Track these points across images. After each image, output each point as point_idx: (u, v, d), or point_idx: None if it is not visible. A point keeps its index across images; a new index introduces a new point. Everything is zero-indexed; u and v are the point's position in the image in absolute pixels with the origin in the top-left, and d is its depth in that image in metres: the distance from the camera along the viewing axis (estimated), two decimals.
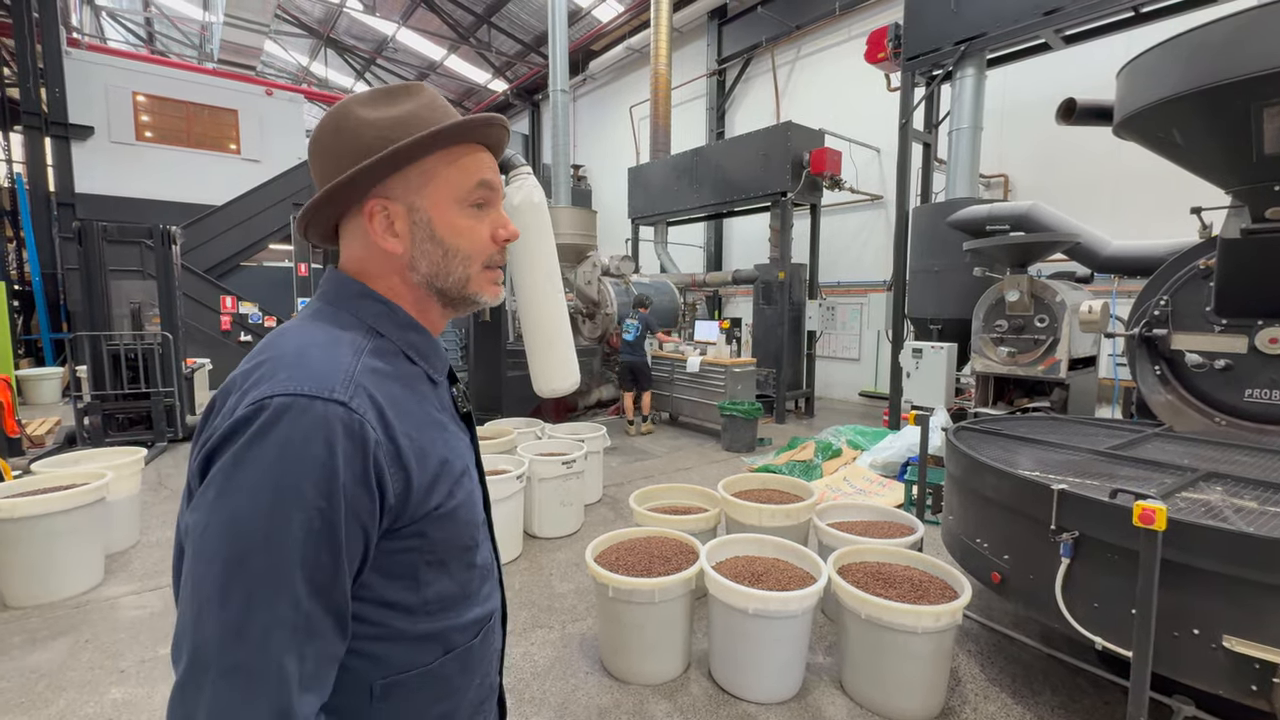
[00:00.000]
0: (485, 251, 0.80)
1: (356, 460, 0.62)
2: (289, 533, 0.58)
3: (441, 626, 0.74)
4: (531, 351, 4.48)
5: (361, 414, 0.63)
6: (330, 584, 0.61)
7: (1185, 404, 3.29)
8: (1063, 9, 5.57)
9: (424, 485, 0.69)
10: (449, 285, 0.79)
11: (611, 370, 8.57)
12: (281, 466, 0.59)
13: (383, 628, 0.69)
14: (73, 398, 5.93)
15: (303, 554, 0.59)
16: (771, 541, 2.87)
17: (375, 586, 0.68)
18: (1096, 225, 5.45)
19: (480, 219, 0.79)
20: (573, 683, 2.57)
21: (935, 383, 6.09)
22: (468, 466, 0.79)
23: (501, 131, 0.83)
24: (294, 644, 0.58)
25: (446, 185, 0.77)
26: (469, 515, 0.77)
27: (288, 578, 0.58)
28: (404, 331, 0.78)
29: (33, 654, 2.74)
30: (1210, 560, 1.73)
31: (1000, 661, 2.71)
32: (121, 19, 17.12)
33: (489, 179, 0.80)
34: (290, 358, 0.66)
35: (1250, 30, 2.32)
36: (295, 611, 0.58)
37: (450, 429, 0.79)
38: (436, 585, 0.73)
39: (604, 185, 15.43)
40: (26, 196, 10.81)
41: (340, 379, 0.64)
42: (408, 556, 0.70)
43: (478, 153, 0.80)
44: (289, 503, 0.58)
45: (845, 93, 10.13)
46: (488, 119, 0.79)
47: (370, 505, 0.63)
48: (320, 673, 0.61)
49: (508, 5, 14.19)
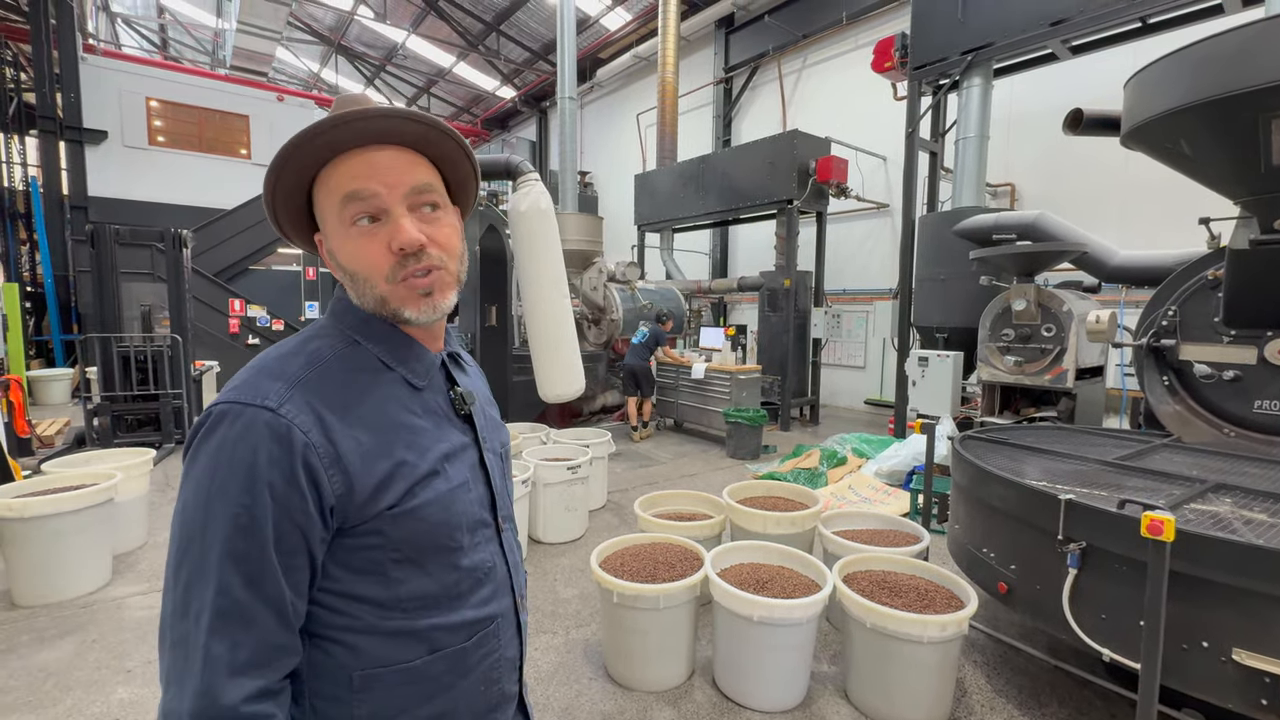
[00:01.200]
0: (382, 267, 0.74)
1: (283, 461, 0.67)
2: (218, 526, 0.65)
3: (422, 625, 0.76)
4: (537, 356, 4.50)
5: (290, 419, 0.68)
6: (260, 575, 0.65)
7: (1194, 415, 3.27)
8: (1070, 20, 5.58)
9: (370, 486, 0.71)
10: (374, 307, 0.77)
11: (616, 375, 8.59)
12: (214, 466, 0.66)
13: (353, 619, 0.73)
14: (82, 399, 5.98)
15: (230, 546, 0.64)
16: (777, 549, 2.87)
17: (342, 580, 0.72)
18: (1104, 235, 5.44)
19: (371, 234, 0.74)
20: (576, 688, 2.57)
21: (941, 391, 6.07)
22: (441, 468, 0.79)
23: (368, 124, 0.71)
24: (224, 629, 0.63)
25: (328, 212, 0.75)
26: (441, 516, 0.77)
27: (216, 566, 0.64)
28: (380, 340, 0.79)
29: (40, 653, 2.76)
30: (1219, 572, 1.72)
31: (1007, 673, 2.69)
32: (136, 25, 17.36)
33: (357, 189, 0.73)
34: (248, 369, 0.73)
35: (1259, 42, 2.33)
36: (224, 598, 0.64)
37: (431, 430, 0.80)
38: (411, 584, 0.75)
39: (610, 192, 15.50)
40: (41, 200, 10.94)
41: (277, 389, 0.70)
42: (371, 554, 0.73)
43: (349, 164, 0.73)
44: (217, 499, 0.65)
45: (851, 101, 10.16)
46: (311, 131, 0.70)
47: (303, 504, 0.67)
48: (260, 659, 0.65)
49: (517, 13, 14.32)
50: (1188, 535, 1.74)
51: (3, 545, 3.17)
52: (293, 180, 0.75)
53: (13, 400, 5.55)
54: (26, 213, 11.65)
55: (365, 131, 0.73)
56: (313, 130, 0.71)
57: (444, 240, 0.78)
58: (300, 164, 0.73)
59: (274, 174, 0.73)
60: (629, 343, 7.62)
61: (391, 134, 0.74)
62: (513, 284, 7.16)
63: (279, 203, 0.76)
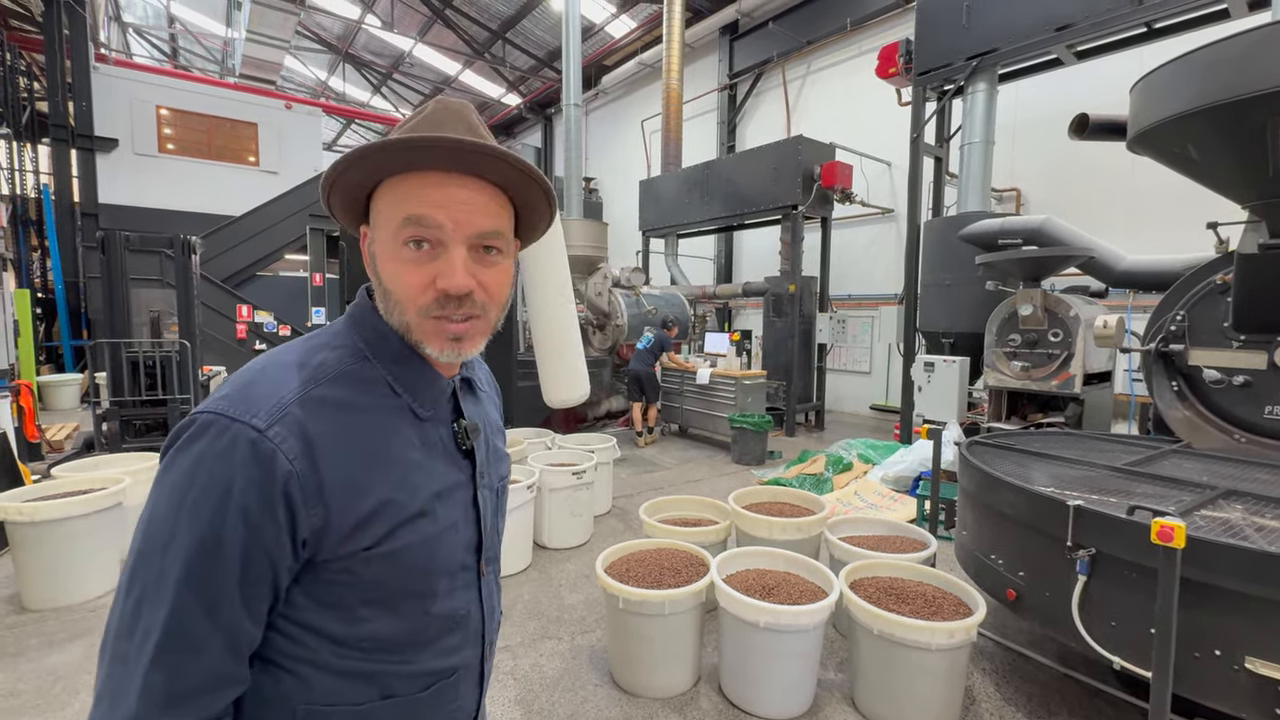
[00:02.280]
0: (420, 300, 0.70)
1: (263, 487, 0.62)
2: (183, 545, 0.61)
3: (377, 669, 0.72)
4: (541, 362, 4.51)
5: (276, 443, 0.63)
6: (219, 603, 0.61)
7: (1204, 420, 3.25)
8: (1074, 25, 5.58)
9: (348, 524, 0.67)
10: (397, 327, 0.73)
11: (621, 381, 8.59)
12: (188, 481, 0.62)
13: (307, 649, 0.69)
14: (91, 404, 6.03)
15: (192, 568, 0.60)
16: (783, 555, 2.86)
17: (304, 609, 0.68)
18: (1110, 240, 5.41)
19: (419, 262, 0.69)
20: (581, 695, 2.56)
21: (947, 397, 6.05)
22: (431, 509, 0.74)
23: (463, 155, 0.67)
24: (169, 655, 0.60)
25: (384, 217, 0.71)
26: (421, 561, 0.73)
27: (173, 587, 0.60)
28: (392, 362, 0.75)
29: (50, 656, 2.77)
30: (1231, 579, 1.70)
31: (1016, 681, 2.66)
32: (148, 35, 17.60)
33: (422, 215, 0.68)
34: (242, 377, 0.69)
35: (1266, 46, 2.32)
36: (176, 621, 0.60)
37: (424, 466, 0.75)
38: (375, 624, 0.71)
39: (615, 198, 15.56)
40: (52, 207, 11.06)
41: (269, 406, 0.65)
42: (338, 590, 0.69)
43: (423, 185, 0.69)
44: (186, 516, 0.61)
45: (856, 107, 10.18)
46: (401, 143, 0.65)
47: (276, 533, 0.63)
48: (202, 687, 0.61)
49: (522, 22, 14.44)
50: (1199, 541, 1.72)
51: (13, 549, 3.19)
52: (358, 178, 0.71)
53: (23, 405, 5.60)
54: (38, 220, 11.79)
55: (457, 158, 0.69)
56: (402, 142, 0.66)
57: (494, 287, 0.74)
58: (375, 165, 0.69)
59: (343, 167, 0.69)
60: (634, 348, 7.63)
61: (480, 168, 0.70)
62: (518, 289, 7.20)
63: (338, 188, 0.72)
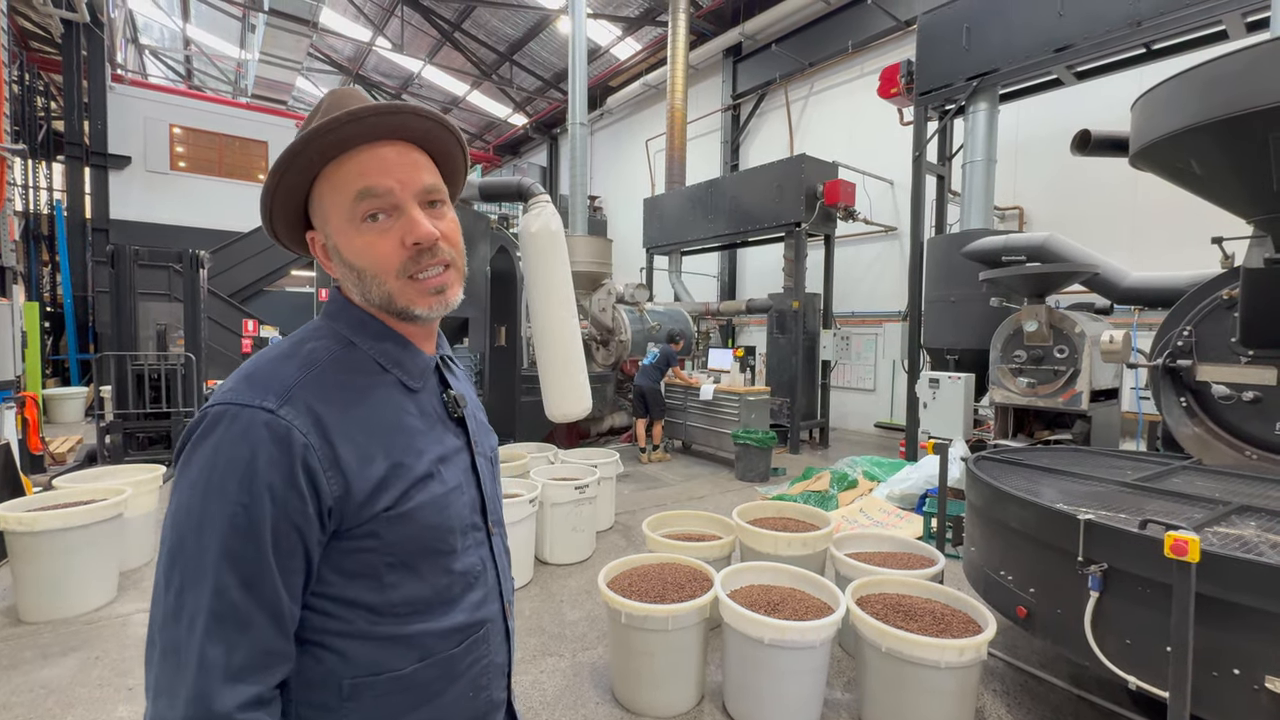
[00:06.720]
0: (394, 262, 0.75)
1: (283, 462, 0.66)
2: (215, 526, 0.63)
3: (414, 631, 0.75)
4: (545, 376, 4.50)
5: (289, 421, 0.67)
6: (258, 578, 0.64)
7: (1214, 437, 3.21)
8: (1074, 46, 5.65)
9: (367, 488, 0.71)
10: (379, 303, 0.77)
11: (625, 397, 8.57)
12: (211, 466, 0.65)
13: (346, 624, 0.71)
14: (95, 416, 6.04)
15: (227, 546, 0.63)
16: (788, 570, 2.81)
17: (335, 584, 0.71)
18: (1115, 257, 5.42)
19: (383, 230, 0.74)
20: (582, 713, 2.51)
21: (953, 414, 6.01)
22: (437, 471, 0.79)
23: (383, 120, 0.72)
24: (219, 632, 0.62)
25: (334, 208, 0.75)
26: (435, 519, 0.77)
27: (213, 568, 0.63)
28: (377, 341, 0.79)
29: (44, 669, 2.73)
30: (1250, 596, 1.66)
31: (1028, 702, 2.60)
32: (163, 56, 18.01)
33: (370, 185, 0.73)
34: (243, 371, 0.73)
35: (1267, 61, 2.34)
36: (220, 600, 0.62)
37: (426, 433, 0.80)
38: (404, 588, 0.74)
39: (620, 216, 15.69)
40: (64, 223, 11.22)
41: (275, 390, 0.69)
42: (365, 557, 0.72)
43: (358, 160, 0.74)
44: (214, 499, 0.64)
45: (858, 127, 10.29)
46: (324, 127, 0.70)
47: (302, 505, 0.66)
48: (255, 664, 0.63)
49: (530, 44, 14.72)
50: (1214, 556, 1.68)
51: (12, 560, 3.17)
52: (296, 178, 0.75)
53: (28, 417, 5.61)
54: (49, 235, 11.94)
55: (376, 127, 0.73)
56: (325, 126, 0.70)
57: (453, 236, 0.80)
58: (308, 160, 0.73)
59: (280, 171, 0.73)
60: (638, 364, 7.62)
61: (399, 130, 0.75)
62: (522, 304, 7.22)
63: (278, 202, 0.76)
